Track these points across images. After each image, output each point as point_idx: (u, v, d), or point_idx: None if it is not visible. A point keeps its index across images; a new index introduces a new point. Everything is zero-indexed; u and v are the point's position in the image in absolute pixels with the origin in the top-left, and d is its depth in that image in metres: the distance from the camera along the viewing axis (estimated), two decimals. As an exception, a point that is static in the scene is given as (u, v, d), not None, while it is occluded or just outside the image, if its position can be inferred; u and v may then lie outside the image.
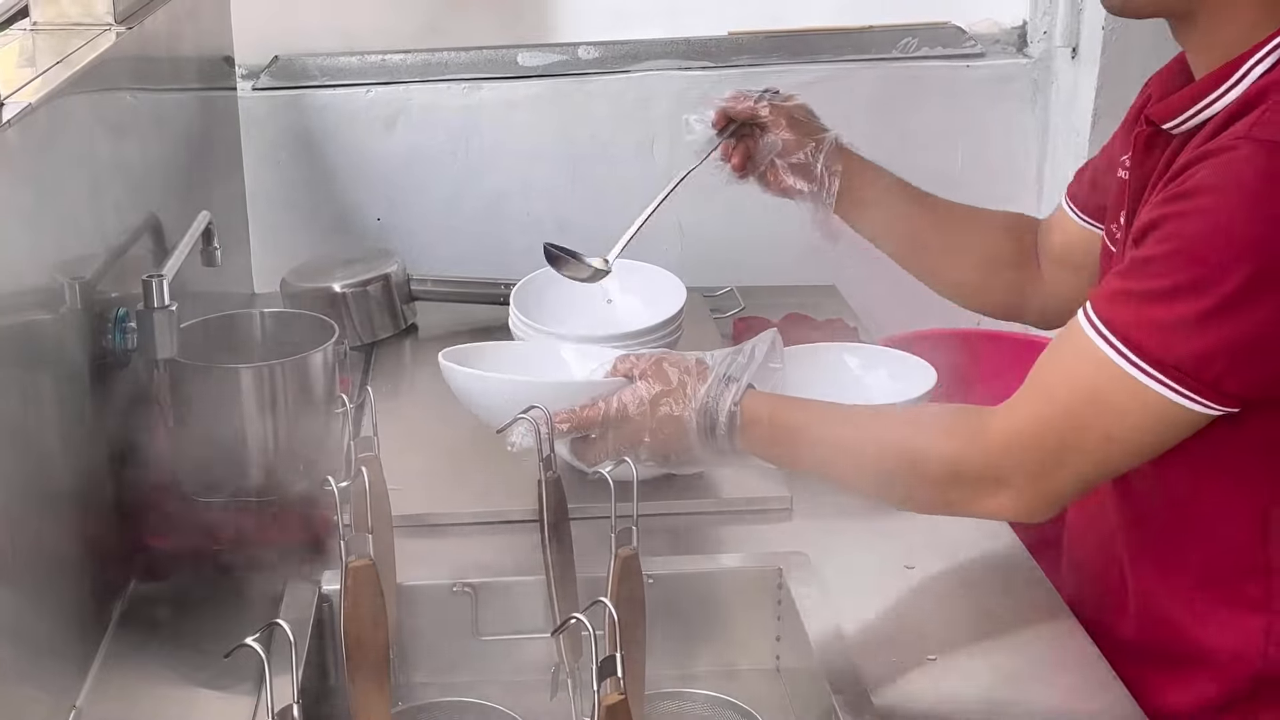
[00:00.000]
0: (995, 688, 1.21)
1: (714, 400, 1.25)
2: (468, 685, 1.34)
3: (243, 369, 1.42)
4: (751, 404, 1.25)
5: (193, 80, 1.87)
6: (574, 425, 1.28)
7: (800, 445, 1.25)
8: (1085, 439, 1.12)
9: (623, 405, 1.27)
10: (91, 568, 1.27)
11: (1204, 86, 1.14)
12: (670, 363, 1.29)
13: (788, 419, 1.26)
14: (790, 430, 1.25)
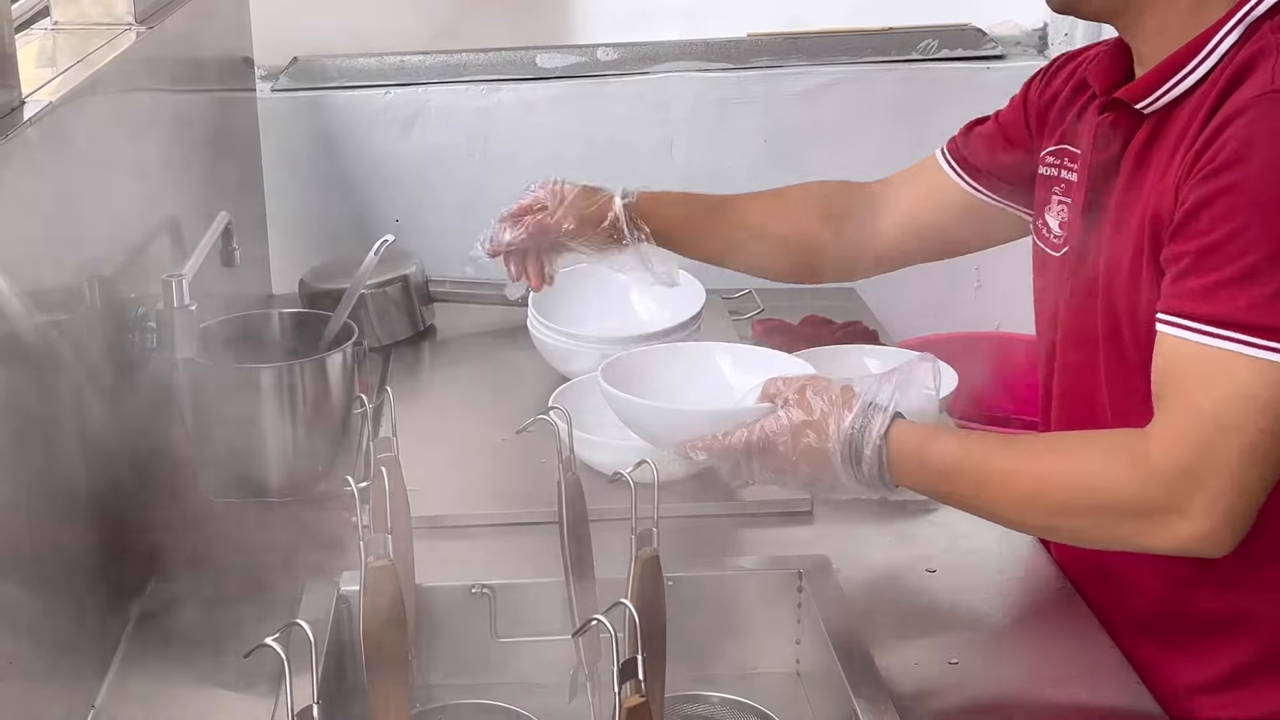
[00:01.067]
0: (1018, 691, 1.20)
1: (859, 431, 1.19)
2: (486, 687, 1.34)
3: (262, 369, 1.42)
4: (900, 434, 1.19)
5: (212, 81, 1.87)
6: (713, 453, 1.24)
7: (955, 479, 1.18)
8: (1244, 442, 1.06)
9: (765, 435, 1.22)
10: (110, 568, 1.27)
11: (1171, 64, 1.17)
12: (815, 389, 1.22)
13: (939, 451, 1.18)
14: (942, 462, 1.18)
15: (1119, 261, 1.20)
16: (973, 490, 1.18)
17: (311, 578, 1.35)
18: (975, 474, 1.17)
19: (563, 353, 1.73)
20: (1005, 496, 1.16)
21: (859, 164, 2.23)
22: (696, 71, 2.20)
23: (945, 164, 1.54)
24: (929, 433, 1.20)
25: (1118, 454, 1.12)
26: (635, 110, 2.19)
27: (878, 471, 1.18)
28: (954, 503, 1.21)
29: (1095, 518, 1.13)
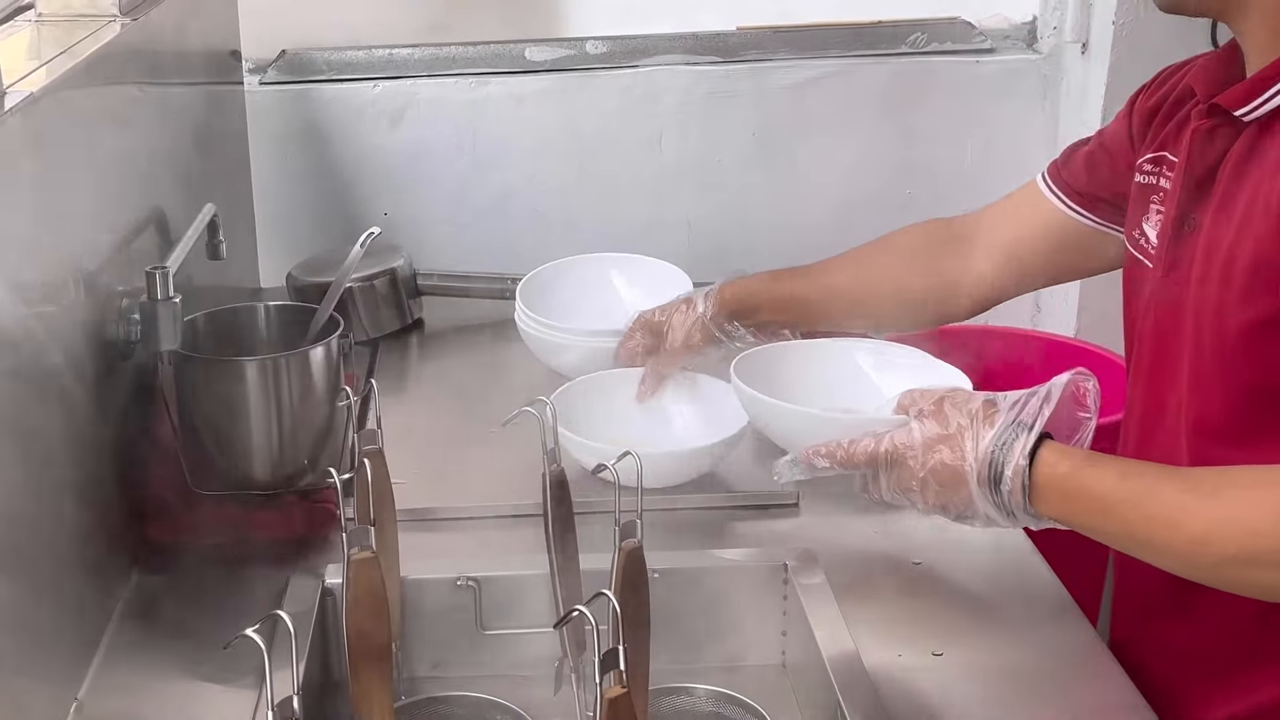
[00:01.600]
0: (1002, 685, 1.20)
1: (1000, 450, 1.10)
2: (471, 680, 1.34)
3: (247, 362, 1.41)
4: (1048, 458, 1.09)
5: (199, 74, 1.86)
6: (836, 463, 1.19)
7: (1112, 512, 1.07)
8: None
9: (894, 447, 1.15)
10: (94, 560, 1.27)
11: (1274, 71, 1.13)
12: (954, 402, 1.15)
13: (1094, 478, 1.07)
14: (1098, 493, 1.07)
15: (1208, 274, 1.14)
16: (1133, 527, 1.06)
17: (296, 571, 1.35)
18: (1138, 509, 1.05)
19: (551, 346, 1.73)
20: (1174, 537, 1.04)
21: (848, 157, 2.24)
22: (685, 65, 2.20)
23: (1047, 189, 1.45)
24: (1082, 458, 1.09)
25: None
26: (624, 103, 2.19)
27: (1020, 497, 1.09)
28: (1107, 538, 1.10)
29: None
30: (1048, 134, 2.22)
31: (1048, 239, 1.45)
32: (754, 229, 2.25)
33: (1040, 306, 2.30)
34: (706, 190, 2.23)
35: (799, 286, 1.55)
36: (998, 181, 2.24)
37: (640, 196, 2.23)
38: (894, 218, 2.25)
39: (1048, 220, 1.44)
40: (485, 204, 2.21)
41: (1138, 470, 1.09)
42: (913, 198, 2.25)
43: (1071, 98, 2.16)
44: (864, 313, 1.54)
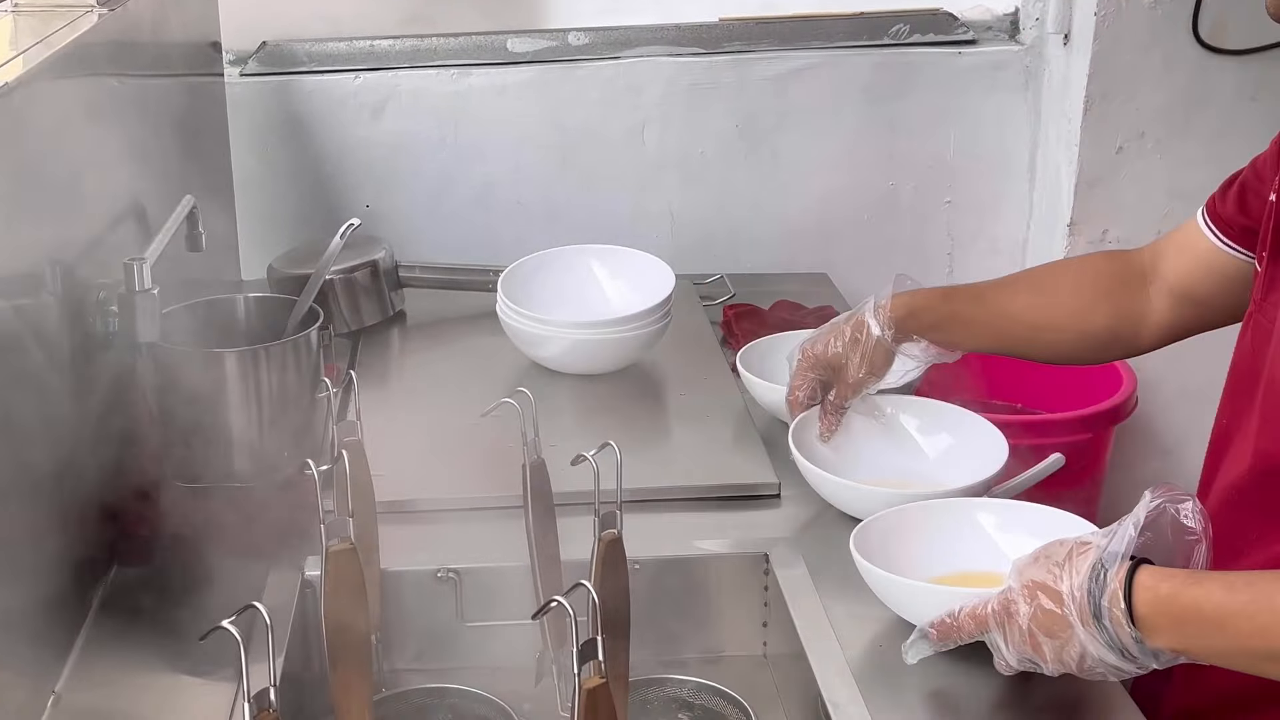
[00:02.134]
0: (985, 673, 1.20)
1: (1097, 583, 1.03)
2: (451, 672, 1.33)
3: (226, 353, 1.41)
4: (1146, 581, 1.02)
5: (178, 65, 1.85)
6: (946, 638, 1.13)
7: (1225, 627, 0.99)
8: None
9: (999, 606, 1.09)
10: (72, 553, 1.26)
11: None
12: (1049, 549, 1.09)
13: (1198, 596, 1.00)
14: (1204, 609, 1.00)
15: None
16: (1251, 641, 0.99)
17: (275, 563, 1.34)
18: (1253, 620, 0.98)
19: (533, 337, 1.73)
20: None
21: (831, 148, 2.24)
22: (668, 56, 2.19)
23: (1205, 227, 1.37)
24: (1185, 577, 1.02)
25: None
26: (607, 95, 2.19)
27: (1126, 628, 1.01)
28: (1227, 660, 1.02)
29: None
30: (1030, 125, 2.23)
31: (1213, 277, 1.36)
32: (737, 220, 2.25)
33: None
34: (689, 182, 2.23)
35: (974, 308, 1.47)
36: (981, 172, 2.26)
37: (623, 188, 2.22)
38: (878, 208, 2.27)
39: (1210, 258, 1.36)
40: (467, 196, 2.21)
41: (1246, 580, 1.01)
42: (895, 189, 2.26)
43: (1054, 89, 2.16)
44: (1043, 341, 1.47)
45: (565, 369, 1.73)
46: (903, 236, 2.28)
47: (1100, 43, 2.04)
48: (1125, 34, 2.04)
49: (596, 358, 1.72)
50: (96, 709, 1.17)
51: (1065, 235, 2.14)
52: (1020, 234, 2.29)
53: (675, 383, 1.77)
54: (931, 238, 2.29)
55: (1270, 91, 2.06)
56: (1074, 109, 2.09)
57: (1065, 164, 2.13)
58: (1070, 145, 2.10)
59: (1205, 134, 2.07)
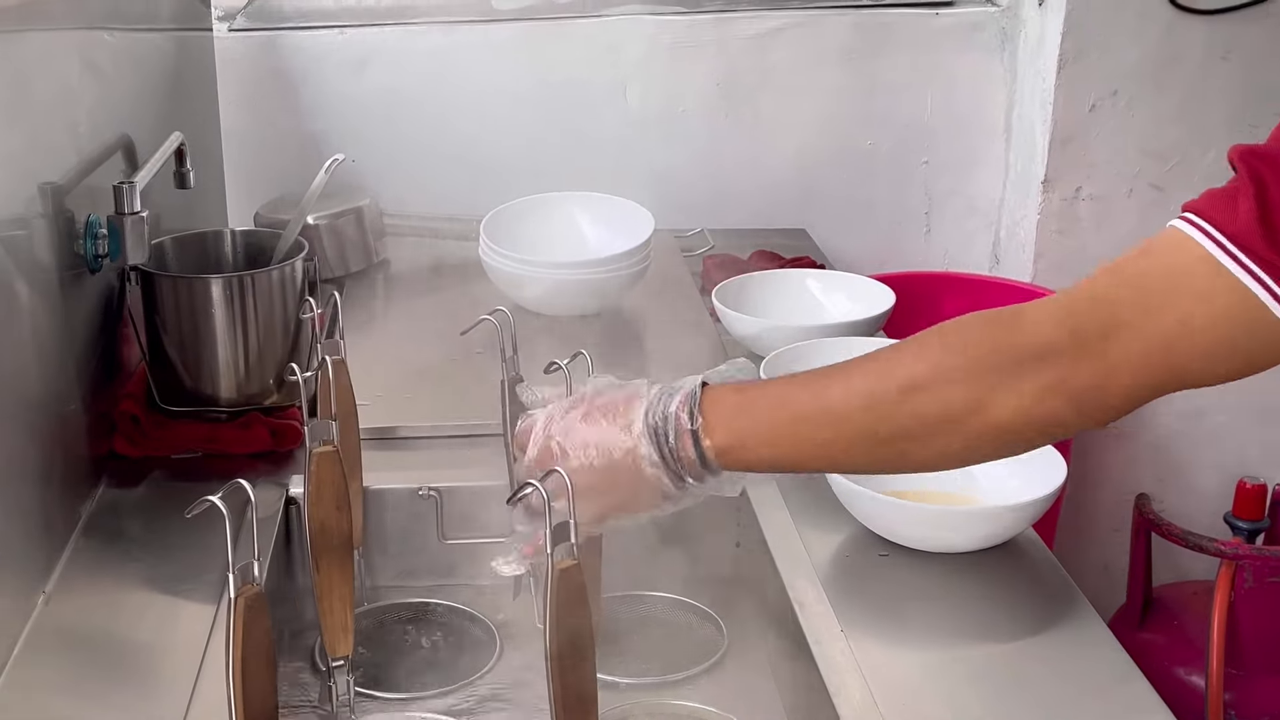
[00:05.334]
0: (948, 582, 1.24)
1: (660, 405, 1.00)
2: (432, 589, 1.37)
3: (213, 279, 1.44)
4: (712, 394, 1.00)
5: (167, 19, 1.88)
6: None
7: (795, 421, 0.98)
8: (1153, 320, 0.90)
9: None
10: (59, 471, 1.28)
11: None
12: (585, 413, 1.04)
13: (762, 391, 1.00)
14: (770, 400, 0.99)
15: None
16: (810, 428, 0.98)
17: (260, 482, 1.37)
18: (810, 404, 0.98)
19: (514, 278, 1.76)
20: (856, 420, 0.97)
21: (810, 107, 2.27)
22: (650, 14, 2.22)
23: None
24: (745, 384, 1.02)
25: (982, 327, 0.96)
26: (589, 53, 2.22)
27: (687, 424, 0.98)
28: (794, 459, 1.00)
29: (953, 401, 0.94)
30: (1006, 86, 2.26)
31: None
32: (718, 178, 2.28)
33: (999, 257, 2.34)
34: (671, 140, 2.27)
35: None
36: (957, 133, 2.30)
37: (606, 145, 2.25)
38: (855, 168, 2.31)
39: None
40: (451, 151, 2.24)
41: (800, 375, 1.02)
42: (875, 148, 2.29)
43: (1029, 49, 2.20)
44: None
45: (546, 310, 1.76)
46: (880, 195, 2.32)
47: (1073, 2, 2.08)
48: (1098, -7, 2.08)
49: (577, 298, 1.75)
50: (86, 609, 1.20)
51: (1040, 193, 2.18)
52: (996, 193, 2.32)
53: (655, 327, 1.81)
54: (909, 196, 2.33)
55: (1241, 51, 2.09)
56: (1048, 67, 2.12)
57: (1040, 122, 2.16)
58: (1045, 103, 2.14)
59: (1177, 92, 2.11)
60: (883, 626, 1.17)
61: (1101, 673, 1.11)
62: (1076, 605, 1.20)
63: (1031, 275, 2.20)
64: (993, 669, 1.12)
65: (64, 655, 1.15)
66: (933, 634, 1.17)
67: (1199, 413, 2.23)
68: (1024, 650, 1.14)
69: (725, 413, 0.99)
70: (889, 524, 1.26)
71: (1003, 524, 1.24)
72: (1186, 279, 0.90)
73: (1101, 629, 1.17)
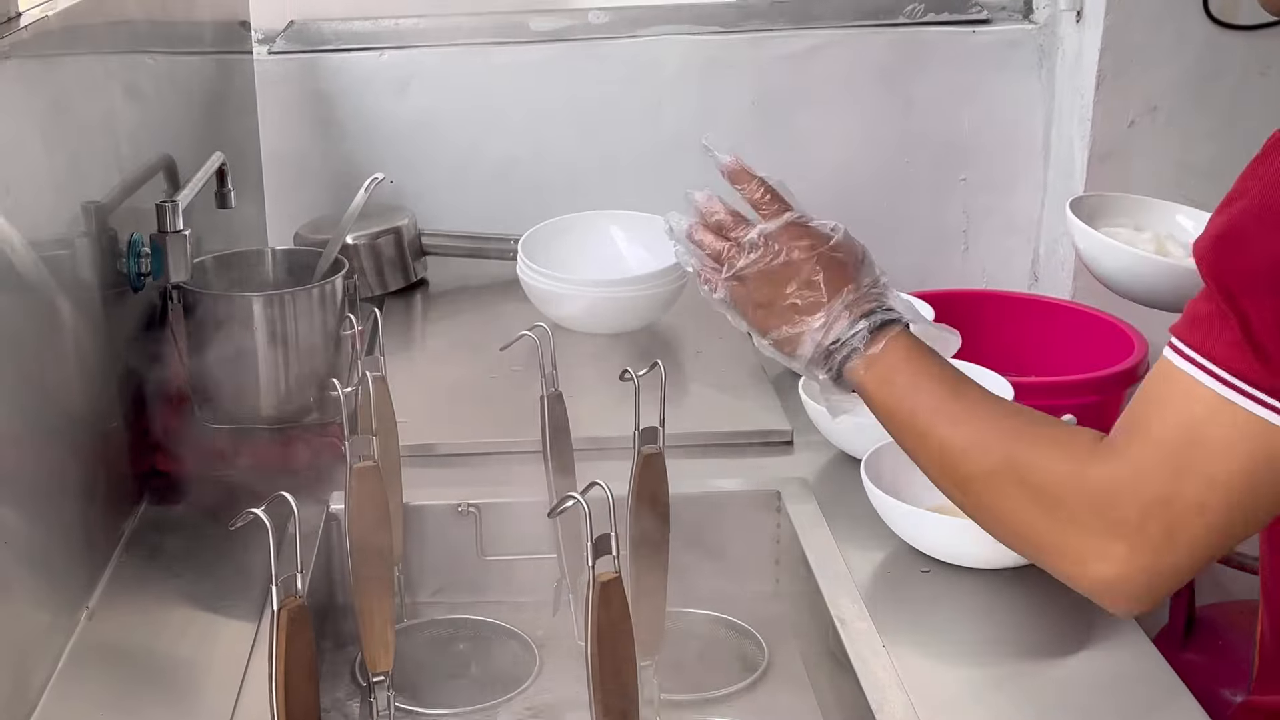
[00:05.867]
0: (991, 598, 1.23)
1: (872, 297, 1.11)
2: (471, 605, 1.37)
3: (254, 296, 1.45)
4: (899, 337, 1.10)
5: (209, 43, 1.90)
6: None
7: (919, 394, 1.07)
8: (1188, 488, 0.93)
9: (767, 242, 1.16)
10: (102, 488, 1.29)
11: None
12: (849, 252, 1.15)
13: (923, 365, 1.08)
14: (918, 376, 1.08)
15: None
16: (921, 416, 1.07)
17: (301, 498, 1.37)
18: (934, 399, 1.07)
19: (552, 296, 1.76)
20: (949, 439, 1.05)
21: (846, 126, 2.27)
22: (686, 34, 2.23)
23: None
24: (930, 355, 1.09)
25: (1071, 442, 1.00)
26: (625, 73, 2.23)
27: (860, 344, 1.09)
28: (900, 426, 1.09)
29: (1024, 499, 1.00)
30: (1044, 103, 2.26)
31: None
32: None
33: (1038, 275, 2.33)
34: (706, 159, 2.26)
35: None
36: (995, 151, 2.29)
37: (641, 165, 2.26)
38: (892, 186, 2.30)
39: None
40: (489, 172, 2.25)
41: (967, 384, 1.08)
42: (910, 166, 2.29)
43: (1066, 65, 2.19)
44: None
45: (584, 328, 1.77)
46: (918, 214, 2.31)
47: (1112, 18, 2.07)
48: (1136, 9, 2.07)
49: (615, 316, 1.76)
50: (128, 625, 1.20)
51: (1078, 210, 2.16)
52: (1035, 212, 2.31)
53: (691, 341, 1.81)
54: (947, 215, 2.32)
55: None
56: (1086, 84, 2.12)
57: (1078, 139, 2.15)
58: (1083, 120, 2.13)
59: (1216, 108, 2.10)
60: (925, 642, 1.16)
61: (1149, 691, 1.10)
62: (1121, 622, 1.19)
63: (1071, 293, 2.19)
64: (1037, 685, 1.11)
65: (107, 671, 1.16)
66: (976, 650, 1.16)
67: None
68: (1069, 667, 1.14)
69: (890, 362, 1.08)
70: (930, 540, 1.26)
71: None
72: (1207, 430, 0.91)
73: (1147, 646, 1.16)
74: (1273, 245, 0.90)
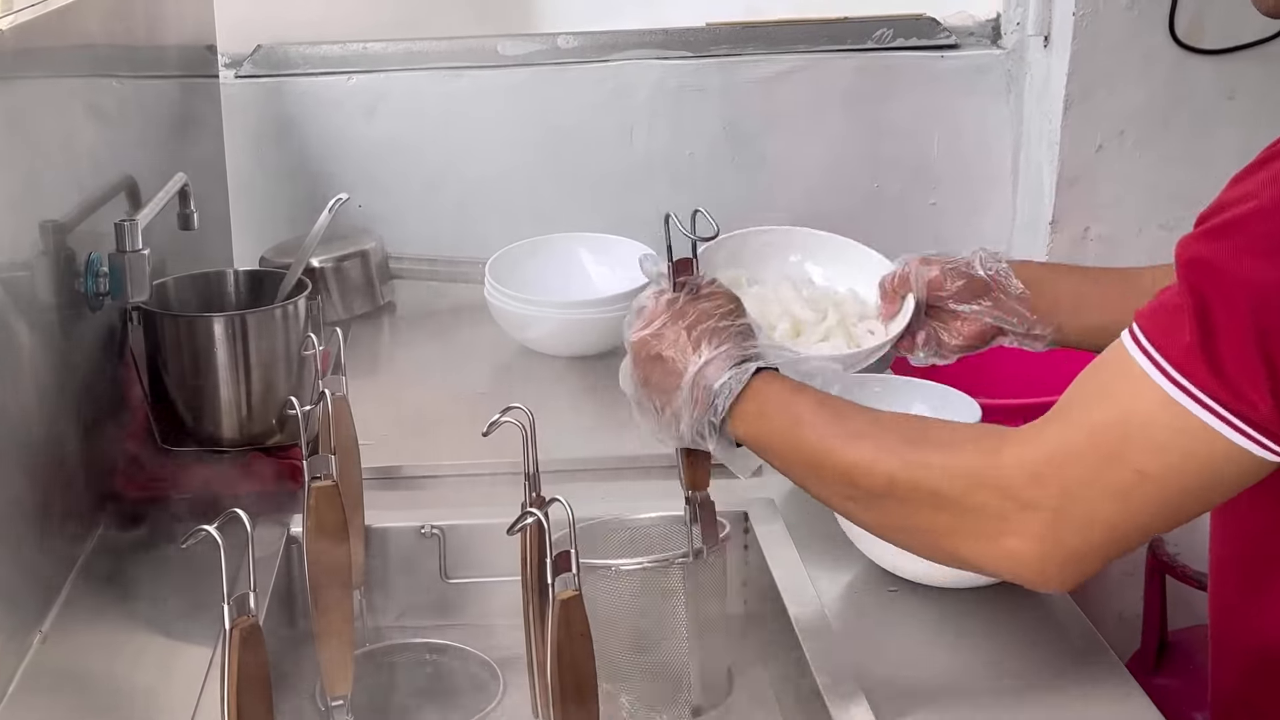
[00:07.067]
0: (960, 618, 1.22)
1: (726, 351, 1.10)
2: (435, 629, 1.35)
3: (215, 317, 1.43)
4: (766, 377, 1.09)
5: (174, 67, 1.89)
6: None
7: (800, 426, 1.05)
8: (1114, 475, 0.92)
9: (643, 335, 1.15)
10: (58, 512, 1.27)
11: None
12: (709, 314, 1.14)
13: (796, 398, 1.07)
14: (792, 407, 1.06)
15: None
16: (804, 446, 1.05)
17: (261, 522, 1.36)
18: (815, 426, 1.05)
19: (520, 319, 1.75)
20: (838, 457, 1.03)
21: (816, 150, 2.27)
22: (656, 59, 2.23)
23: None
24: (798, 384, 1.08)
25: (972, 439, 1.00)
26: (595, 97, 2.22)
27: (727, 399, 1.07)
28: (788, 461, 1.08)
29: (924, 502, 0.99)
30: (1013, 128, 2.26)
31: None
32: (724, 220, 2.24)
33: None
34: (677, 183, 2.26)
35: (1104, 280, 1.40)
36: (964, 176, 2.29)
37: (611, 189, 2.25)
38: (862, 210, 2.30)
39: None
40: (457, 196, 2.23)
41: (834, 399, 1.08)
42: (880, 190, 2.29)
43: (1034, 90, 2.20)
44: None
45: (552, 350, 1.76)
46: (888, 238, 2.29)
47: (1079, 42, 2.08)
48: (1103, 34, 2.08)
49: (583, 338, 1.75)
50: (82, 648, 1.18)
51: (1047, 234, 2.16)
52: (1005, 235, 2.31)
53: (660, 366, 1.79)
54: (917, 239, 2.29)
55: (1247, 90, 2.09)
56: (1054, 108, 2.12)
57: (1046, 163, 2.16)
58: (1051, 144, 2.14)
59: (1184, 132, 2.11)
60: (893, 663, 1.15)
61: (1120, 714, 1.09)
62: (1092, 644, 1.18)
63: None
64: (1006, 707, 1.10)
65: (59, 697, 1.14)
66: (944, 671, 1.15)
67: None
68: (1038, 688, 1.13)
69: (760, 403, 1.07)
70: (897, 560, 1.24)
71: None
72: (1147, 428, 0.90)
73: (1118, 667, 1.15)
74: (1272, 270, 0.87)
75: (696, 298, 1.15)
